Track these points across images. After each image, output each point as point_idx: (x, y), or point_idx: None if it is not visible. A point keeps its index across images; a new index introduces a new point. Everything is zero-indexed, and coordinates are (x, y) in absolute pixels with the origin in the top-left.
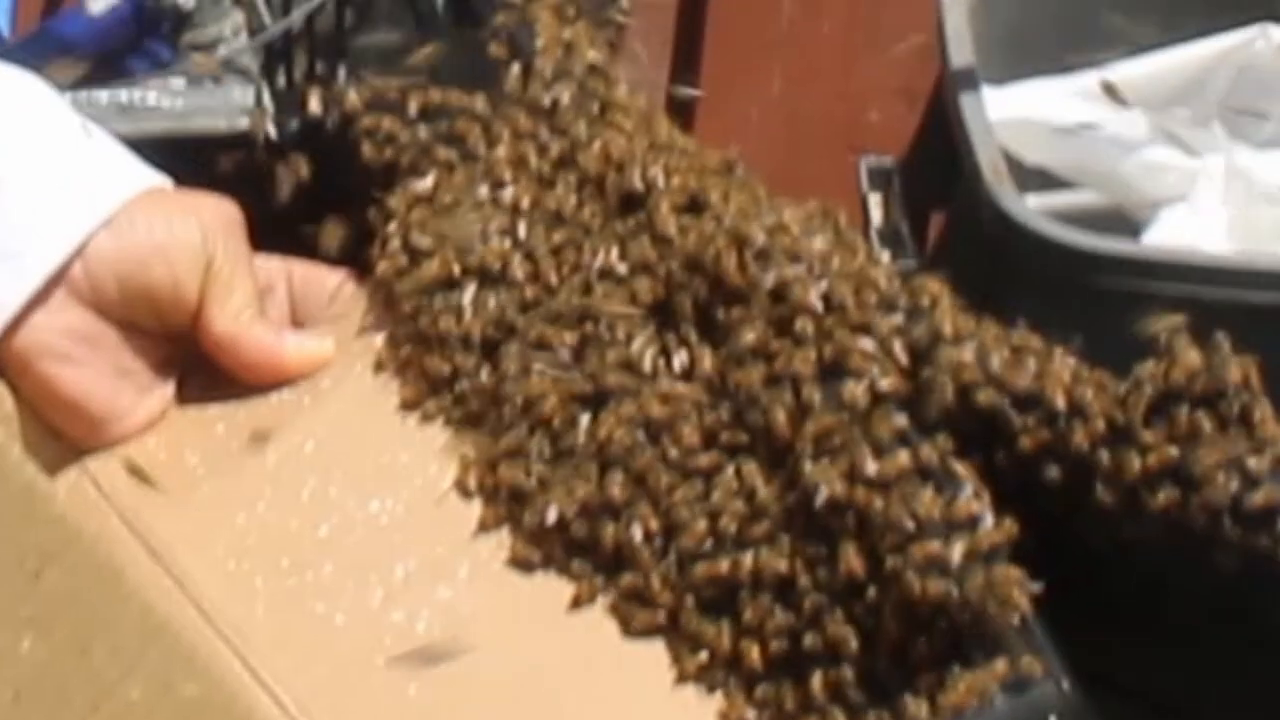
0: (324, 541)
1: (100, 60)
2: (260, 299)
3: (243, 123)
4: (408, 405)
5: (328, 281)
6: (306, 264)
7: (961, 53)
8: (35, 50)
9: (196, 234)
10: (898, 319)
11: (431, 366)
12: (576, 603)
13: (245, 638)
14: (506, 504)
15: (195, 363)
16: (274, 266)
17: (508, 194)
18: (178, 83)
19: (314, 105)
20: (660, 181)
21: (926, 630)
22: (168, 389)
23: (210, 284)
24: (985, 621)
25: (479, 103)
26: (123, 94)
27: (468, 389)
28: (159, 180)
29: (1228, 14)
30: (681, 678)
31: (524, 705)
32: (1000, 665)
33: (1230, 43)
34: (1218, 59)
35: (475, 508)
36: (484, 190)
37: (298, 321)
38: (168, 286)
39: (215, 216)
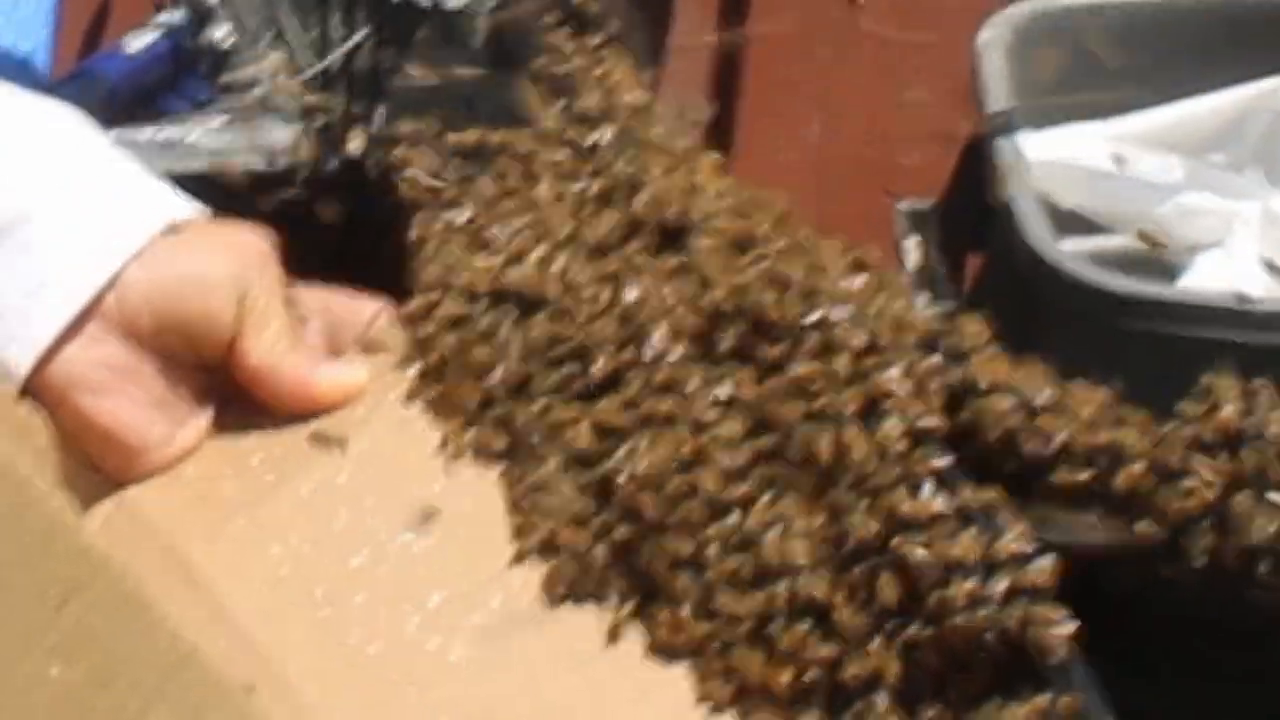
0: (357, 572)
1: (138, 99)
2: (295, 329)
3: (283, 161)
4: (441, 435)
5: (364, 311)
6: (342, 294)
7: (997, 97)
8: (75, 89)
9: (231, 265)
10: (937, 359)
11: (464, 396)
12: (612, 634)
13: (280, 670)
14: (539, 534)
15: (231, 393)
16: (310, 296)
17: (546, 228)
18: (216, 121)
19: (354, 145)
20: (700, 220)
21: (967, 664)
22: (203, 420)
23: (245, 315)
24: (1025, 658)
25: (520, 140)
26: (163, 132)
27: (500, 418)
28: (193, 210)
29: (1265, 60)
30: (716, 709)
31: None
32: (1041, 702)
33: (1267, 88)
34: (1254, 104)
35: (507, 537)
36: (522, 224)
37: (334, 351)
38: (202, 318)
39: (249, 247)
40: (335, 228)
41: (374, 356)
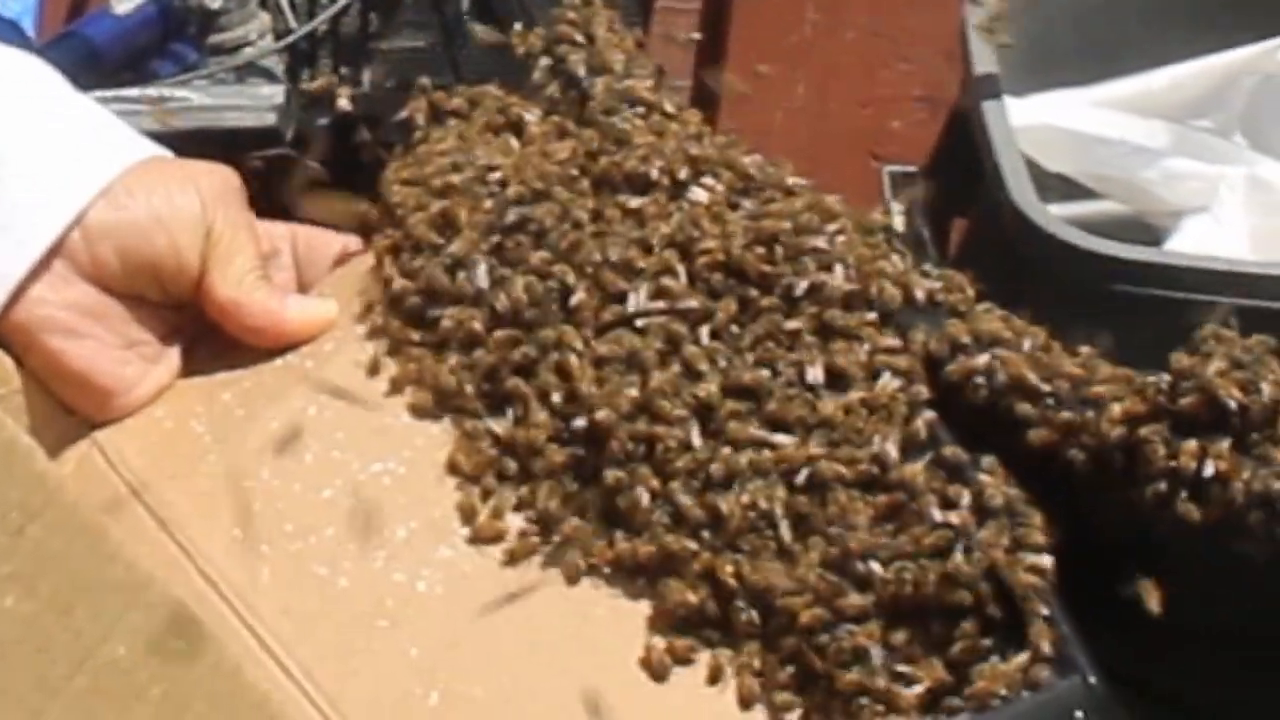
0: (327, 504)
1: (127, 60)
2: (263, 263)
3: (270, 118)
4: (410, 368)
5: (333, 244)
6: (310, 228)
7: (984, 60)
8: (63, 50)
9: (195, 202)
10: (926, 316)
11: (434, 329)
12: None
13: (251, 605)
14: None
15: (201, 331)
16: (278, 230)
17: (525, 174)
18: (204, 83)
19: (343, 102)
20: (689, 176)
21: (957, 621)
22: (174, 358)
23: (211, 251)
24: (1015, 614)
25: (508, 100)
26: (152, 90)
27: (469, 351)
28: (156, 150)
29: (1250, 26)
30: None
31: (524, 665)
32: (1028, 658)
33: (1252, 54)
34: (1240, 69)
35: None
36: (503, 170)
37: (303, 284)
38: (169, 256)
39: (214, 184)
40: (323, 185)
41: (343, 288)
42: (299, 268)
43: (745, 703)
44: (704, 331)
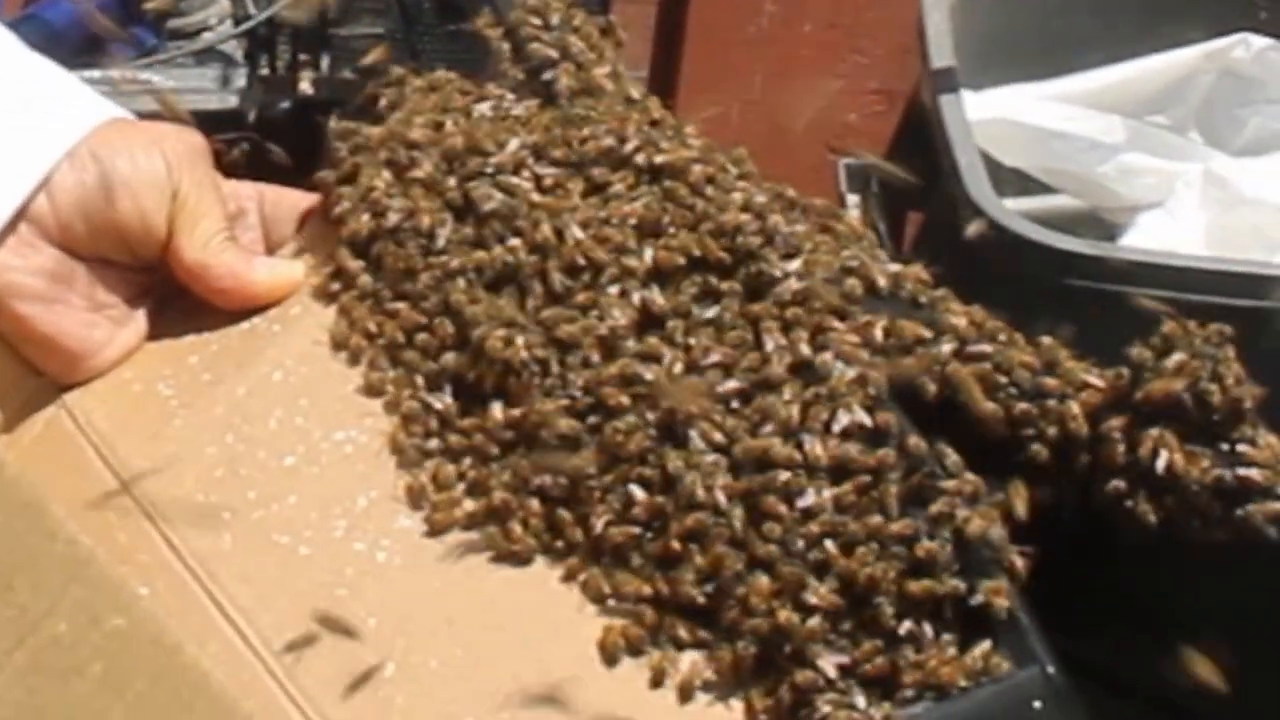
0: (290, 472)
1: (85, 44)
2: (230, 224)
3: (231, 101)
4: (376, 332)
5: (300, 203)
6: (278, 187)
7: (941, 54)
8: (21, 34)
9: (161, 165)
10: (882, 306)
11: (397, 294)
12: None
13: (212, 572)
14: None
15: (169, 293)
16: (245, 191)
17: (487, 151)
18: (165, 64)
19: (305, 85)
20: (647, 160)
21: (915, 610)
22: (142, 321)
23: (178, 213)
24: (973, 604)
25: (469, 85)
26: (113, 72)
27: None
28: (120, 112)
29: (1206, 23)
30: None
31: (480, 637)
32: (987, 648)
33: (1209, 51)
34: (1197, 66)
35: None
36: (464, 146)
37: (271, 244)
38: (135, 219)
39: (179, 145)
40: (285, 169)
41: (311, 249)
42: (266, 228)
43: (686, 692)
44: (667, 316)
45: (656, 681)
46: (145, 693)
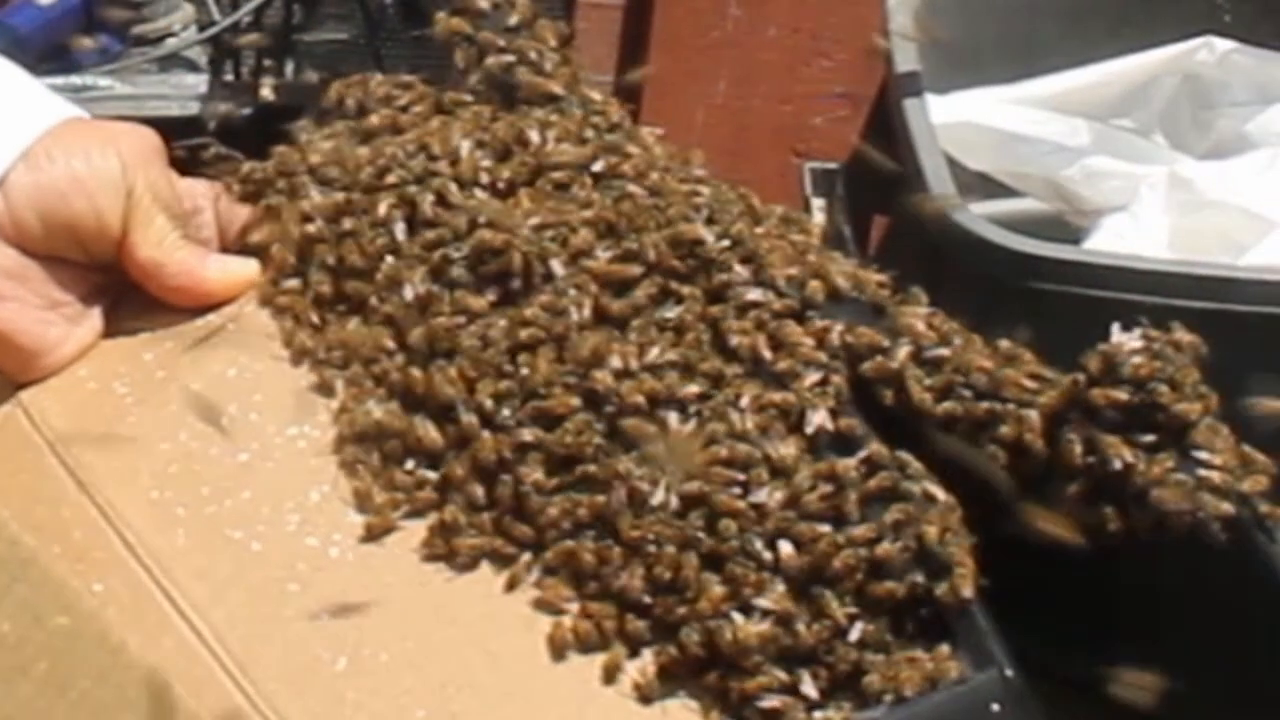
0: (243, 467)
1: (50, 50)
2: (185, 223)
3: (193, 108)
4: (330, 333)
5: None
6: None
7: (906, 58)
8: None
9: (116, 164)
10: (847, 310)
11: (354, 294)
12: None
13: (166, 569)
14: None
15: (125, 291)
16: (200, 189)
17: (447, 153)
18: (128, 73)
19: (266, 91)
20: (608, 169)
21: (874, 612)
22: (97, 319)
23: (132, 212)
24: (931, 606)
25: (432, 92)
26: (75, 79)
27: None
28: (75, 111)
29: (1170, 26)
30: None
31: (431, 632)
32: (944, 651)
33: (1173, 54)
34: (1161, 69)
35: None
36: (422, 147)
37: (226, 243)
38: (90, 218)
39: (134, 144)
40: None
41: (265, 249)
42: (221, 226)
43: (645, 694)
44: (628, 318)
45: (609, 678)
46: (89, 691)
